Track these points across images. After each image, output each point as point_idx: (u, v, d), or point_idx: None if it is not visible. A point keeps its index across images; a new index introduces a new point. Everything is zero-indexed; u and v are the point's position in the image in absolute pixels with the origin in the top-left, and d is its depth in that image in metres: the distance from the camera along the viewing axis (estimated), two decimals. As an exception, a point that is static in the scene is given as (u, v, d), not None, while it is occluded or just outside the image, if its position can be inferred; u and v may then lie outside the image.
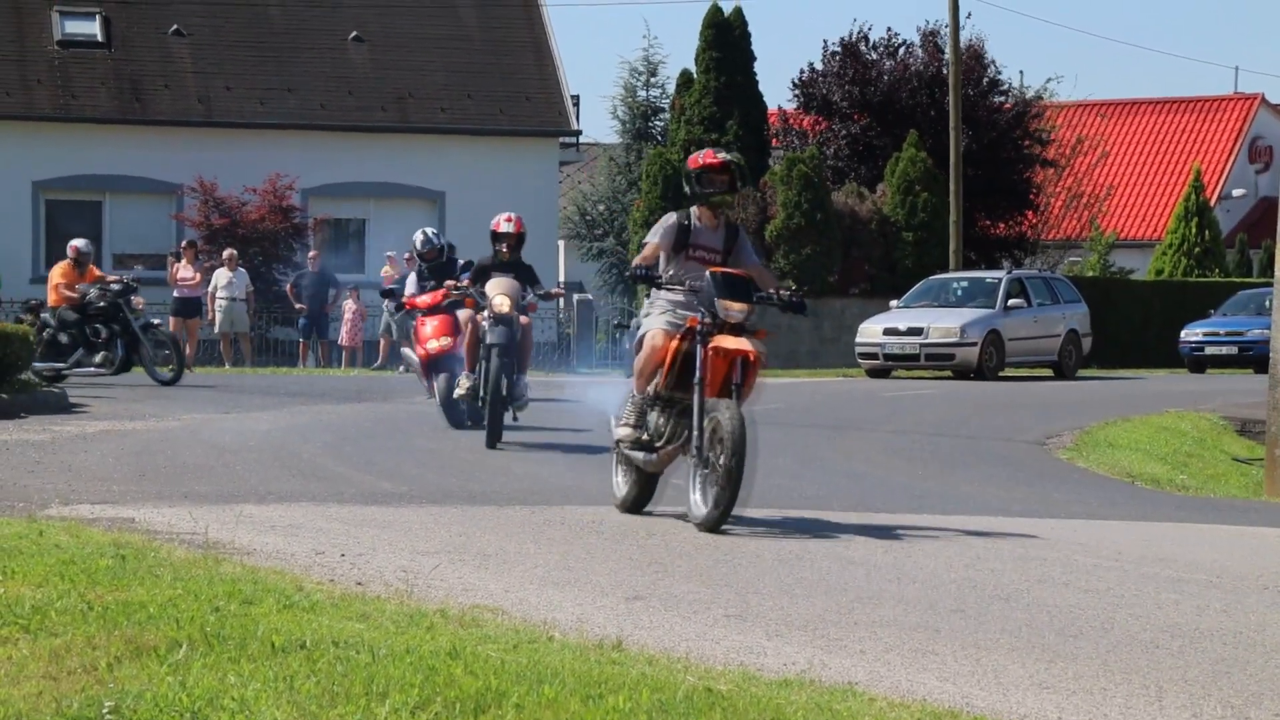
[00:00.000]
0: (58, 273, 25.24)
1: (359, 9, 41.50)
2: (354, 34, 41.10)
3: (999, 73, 45.47)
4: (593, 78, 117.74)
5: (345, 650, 6.78)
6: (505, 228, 17.42)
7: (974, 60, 44.50)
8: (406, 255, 34.88)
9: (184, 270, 32.66)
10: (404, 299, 19.54)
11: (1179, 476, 18.51)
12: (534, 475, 14.56)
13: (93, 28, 39.90)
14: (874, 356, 33.93)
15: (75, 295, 24.76)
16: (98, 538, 9.71)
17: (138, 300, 25.09)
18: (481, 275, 17.14)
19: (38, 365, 23.23)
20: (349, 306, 34.79)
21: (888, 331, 33.73)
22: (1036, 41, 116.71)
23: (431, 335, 18.43)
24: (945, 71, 43.83)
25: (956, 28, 41.50)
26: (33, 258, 38.50)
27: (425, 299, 18.85)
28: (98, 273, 25.85)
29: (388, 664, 6.56)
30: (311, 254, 35.76)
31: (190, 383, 24.34)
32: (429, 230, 20.22)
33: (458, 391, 17.11)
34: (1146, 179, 59.55)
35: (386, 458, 15.59)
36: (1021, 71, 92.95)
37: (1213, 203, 51.66)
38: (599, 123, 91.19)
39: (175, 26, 40.24)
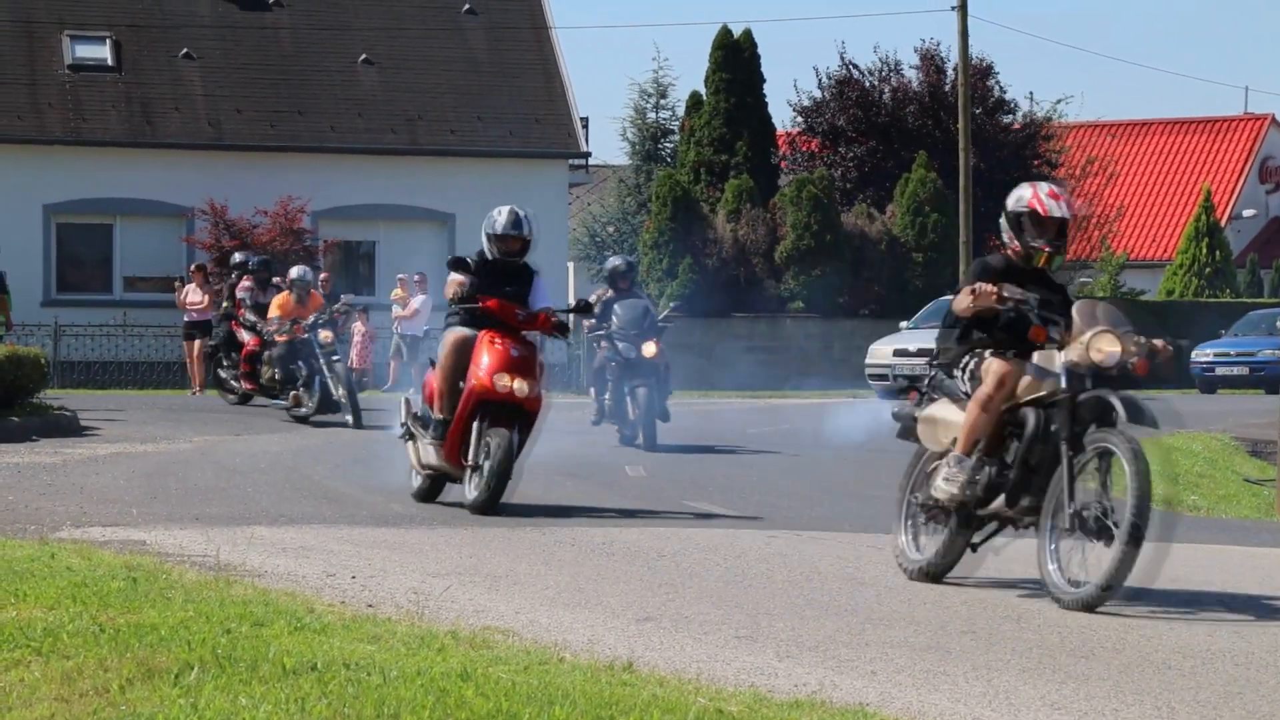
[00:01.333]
0: (276, 306, 23.57)
1: (368, 32, 41.60)
2: (363, 57, 41.19)
3: (1004, 92, 45.54)
4: (602, 100, 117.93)
5: (356, 672, 6.78)
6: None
7: (979, 79, 44.56)
8: (416, 277, 34.93)
9: (193, 294, 32.68)
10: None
11: (1190, 497, 18.48)
12: (544, 497, 14.56)
13: (103, 51, 40.01)
14: (884, 378, 33.90)
15: (299, 332, 23.20)
16: (109, 560, 9.72)
17: (325, 334, 23.39)
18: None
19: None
20: (358, 328, 34.82)
21: (898, 353, 33.72)
22: (1047, 62, 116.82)
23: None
24: (947, 91, 43.87)
25: (965, 48, 41.55)
26: (44, 281, 38.56)
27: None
28: (319, 300, 24.37)
29: (399, 686, 6.56)
30: (323, 276, 35.80)
31: (201, 405, 24.37)
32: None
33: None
34: (1157, 199, 59.54)
35: (397, 479, 15.59)
36: (1031, 92, 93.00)
37: (1223, 223, 51.65)
38: (608, 144, 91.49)
39: (185, 50, 40.35)
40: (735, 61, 43.64)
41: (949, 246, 41.15)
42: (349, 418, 22.03)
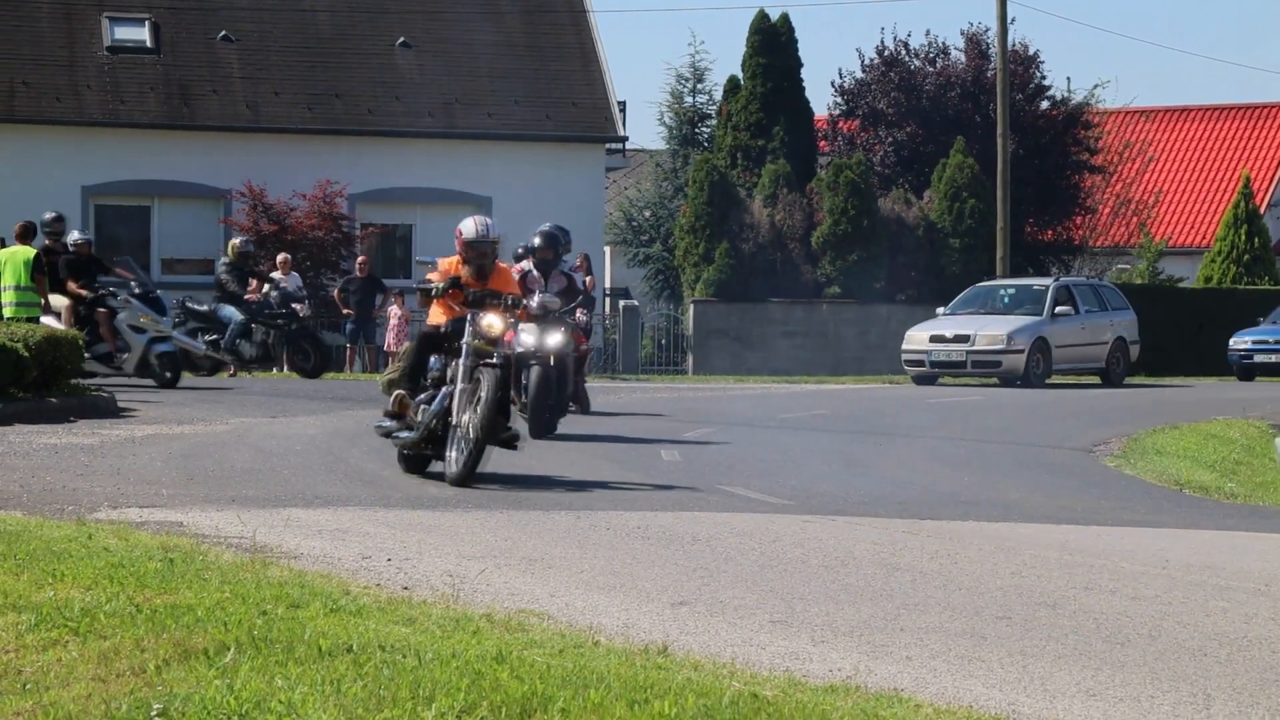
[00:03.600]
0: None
1: (406, 15, 41.61)
2: (401, 40, 41.21)
3: (1044, 77, 45.33)
4: (639, 84, 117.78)
5: (392, 654, 6.80)
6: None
7: (1021, 65, 44.37)
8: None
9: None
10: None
11: (1227, 484, 18.40)
12: (579, 481, 14.57)
13: (142, 33, 40.10)
14: (920, 363, 33.84)
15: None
16: (146, 541, 9.76)
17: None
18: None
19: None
20: (394, 312, 34.86)
21: (934, 339, 33.65)
22: (1084, 47, 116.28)
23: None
24: (990, 76, 43.72)
25: (1004, 32, 41.38)
26: (82, 262, 38.68)
27: None
28: None
29: (434, 668, 6.58)
30: (360, 259, 35.85)
31: (239, 386, 24.45)
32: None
33: None
34: (1195, 186, 59.25)
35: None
36: (1069, 78, 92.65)
37: (1262, 210, 51.34)
38: (645, 129, 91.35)
39: (224, 32, 40.42)
40: (772, 46, 43.53)
41: (986, 233, 41.02)
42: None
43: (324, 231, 38.26)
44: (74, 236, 25.47)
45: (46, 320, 24.76)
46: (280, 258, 34.32)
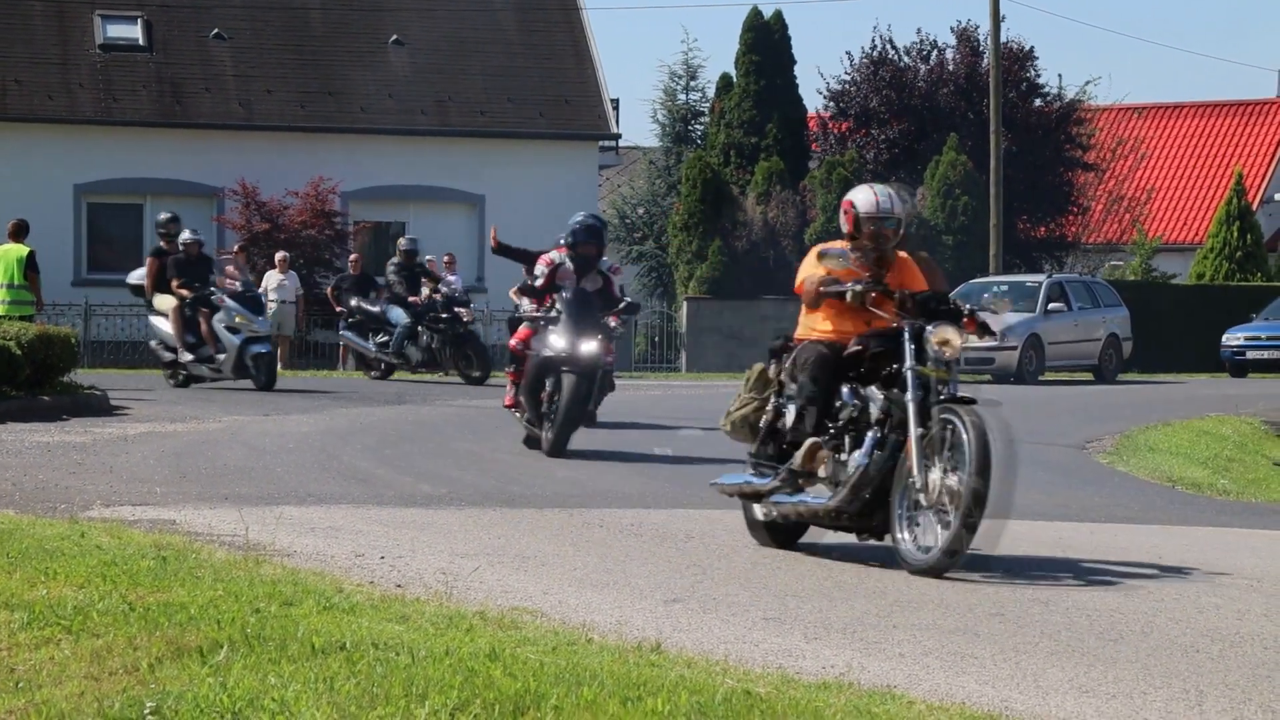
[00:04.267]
0: None
1: (399, 12, 41.60)
2: (394, 38, 41.20)
3: (1038, 75, 45.37)
4: (632, 81, 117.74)
5: (385, 652, 6.80)
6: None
7: (1014, 62, 44.39)
8: (446, 258, 34.93)
9: (235, 274, 32.71)
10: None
11: (1220, 481, 18.42)
12: (573, 479, 14.57)
13: (134, 31, 40.08)
14: (913, 360, 33.82)
15: None
16: (139, 539, 9.75)
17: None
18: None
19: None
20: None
21: (927, 335, 33.63)
22: (1076, 44, 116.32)
23: None
24: (982, 73, 43.74)
25: (997, 29, 41.40)
26: (74, 261, 38.69)
27: None
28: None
29: (427, 665, 6.58)
30: (353, 257, 35.84)
31: (231, 385, 24.44)
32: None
33: None
34: (1187, 183, 59.29)
35: (425, 460, 15.62)
36: (1060, 75, 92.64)
37: (1255, 206, 51.40)
38: (639, 126, 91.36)
39: (216, 30, 40.40)
40: (765, 43, 43.55)
41: (979, 230, 41.05)
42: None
43: (317, 230, 38.24)
44: (185, 236, 24.95)
45: (155, 321, 24.70)
46: (278, 256, 34.34)
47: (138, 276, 25.47)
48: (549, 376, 16.07)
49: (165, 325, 24.44)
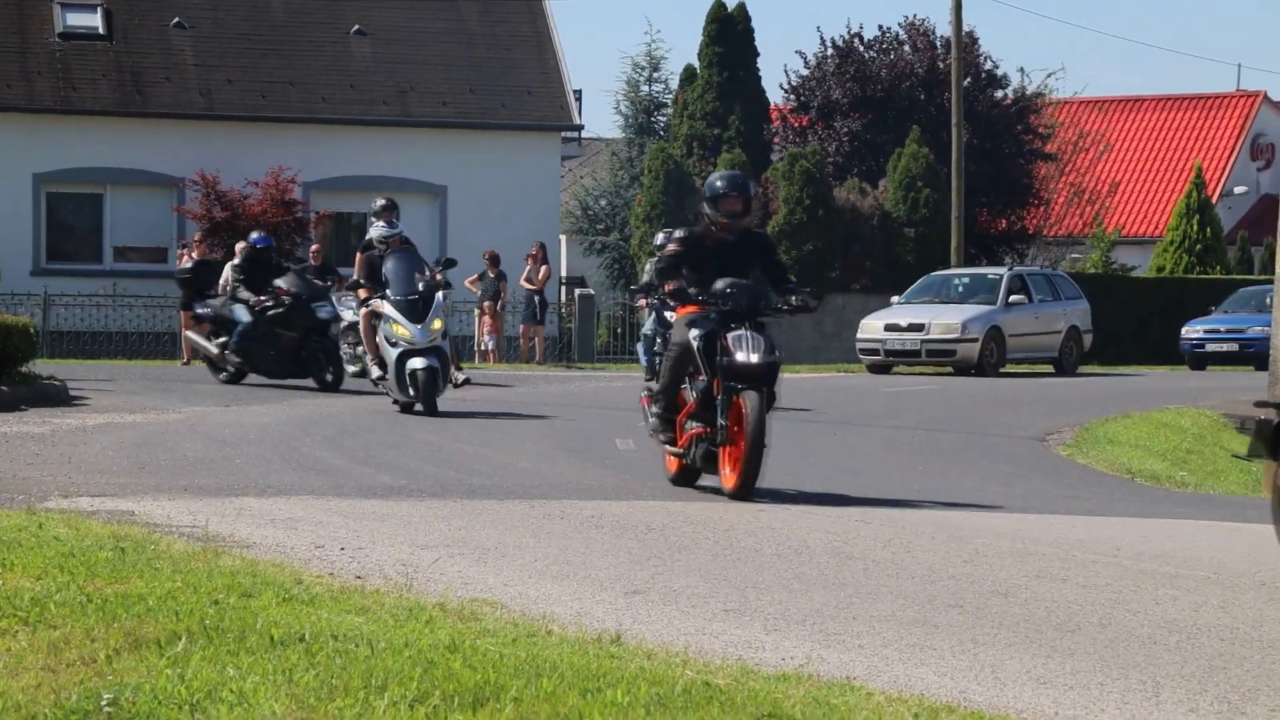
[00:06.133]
0: None
1: (361, 2, 41.49)
2: (356, 28, 41.09)
3: (995, 66, 45.51)
4: (595, 72, 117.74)
5: (344, 643, 6.79)
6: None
7: (967, 52, 44.55)
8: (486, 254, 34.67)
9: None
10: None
11: (1178, 473, 18.51)
12: (534, 470, 14.57)
13: (94, 20, 39.89)
14: (875, 352, 33.94)
15: None
16: (97, 530, 9.72)
17: None
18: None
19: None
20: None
21: (889, 327, 33.75)
22: (1037, 38, 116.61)
23: None
24: (940, 66, 43.85)
25: (959, 22, 41.49)
26: (33, 251, 38.50)
27: None
28: None
29: (386, 657, 6.57)
30: (314, 248, 35.76)
31: (190, 376, 24.36)
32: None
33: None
34: (1148, 176, 59.53)
35: (386, 451, 15.60)
36: (1022, 68, 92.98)
37: (1214, 200, 51.63)
38: (601, 117, 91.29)
39: (176, 19, 40.23)
40: (728, 35, 43.57)
41: (941, 222, 41.15)
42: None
43: (277, 219, 38.13)
44: (377, 232, 21.57)
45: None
46: (238, 247, 34.22)
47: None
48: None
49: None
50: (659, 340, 19.84)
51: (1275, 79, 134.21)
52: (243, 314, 23.54)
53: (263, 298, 23.48)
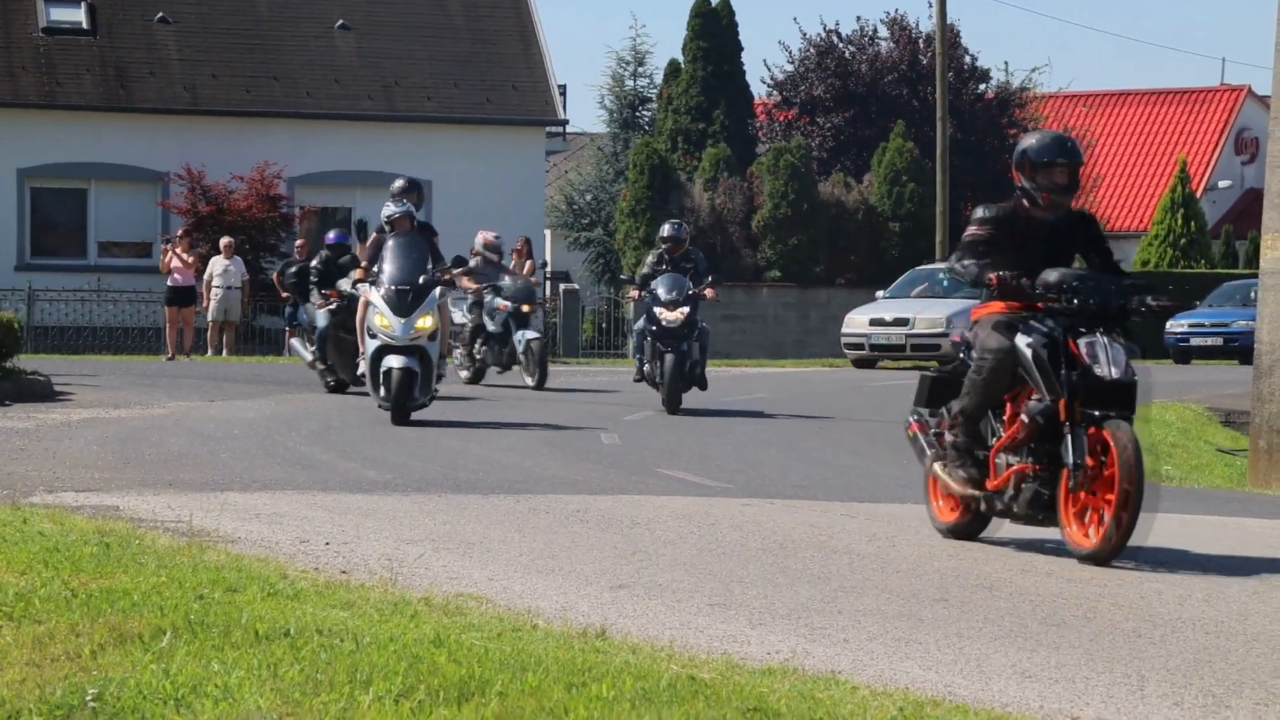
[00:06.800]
0: None
1: (345, -3, 41.46)
2: (340, 22, 41.05)
3: (975, 60, 45.56)
4: (580, 67, 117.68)
5: (329, 638, 6.78)
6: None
7: (950, 47, 44.58)
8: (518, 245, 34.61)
9: (177, 259, 32.61)
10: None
11: (1163, 467, 18.53)
12: (519, 465, 14.56)
13: (78, 15, 39.82)
14: (860, 347, 33.97)
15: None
16: (82, 525, 9.70)
17: None
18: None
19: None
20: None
21: (874, 322, 33.78)
22: (1022, 32, 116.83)
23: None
24: (923, 61, 43.88)
25: (943, 14, 41.51)
26: (17, 245, 38.44)
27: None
28: None
29: (371, 652, 6.57)
30: (299, 242, 35.73)
31: (176, 371, 24.33)
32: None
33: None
34: (1133, 170, 59.60)
35: (371, 446, 15.59)
36: (1006, 62, 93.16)
37: (1199, 194, 51.72)
38: (586, 112, 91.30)
39: (161, 14, 40.17)
40: (713, 29, 43.57)
41: (926, 216, 41.18)
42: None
43: (262, 214, 38.10)
44: (389, 210, 22.09)
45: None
46: (223, 242, 34.19)
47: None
48: None
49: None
50: (647, 337, 20.04)
51: (1260, 74, 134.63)
52: (321, 318, 21.63)
53: (330, 298, 21.52)
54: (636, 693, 6.16)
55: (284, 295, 34.51)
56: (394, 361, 17.16)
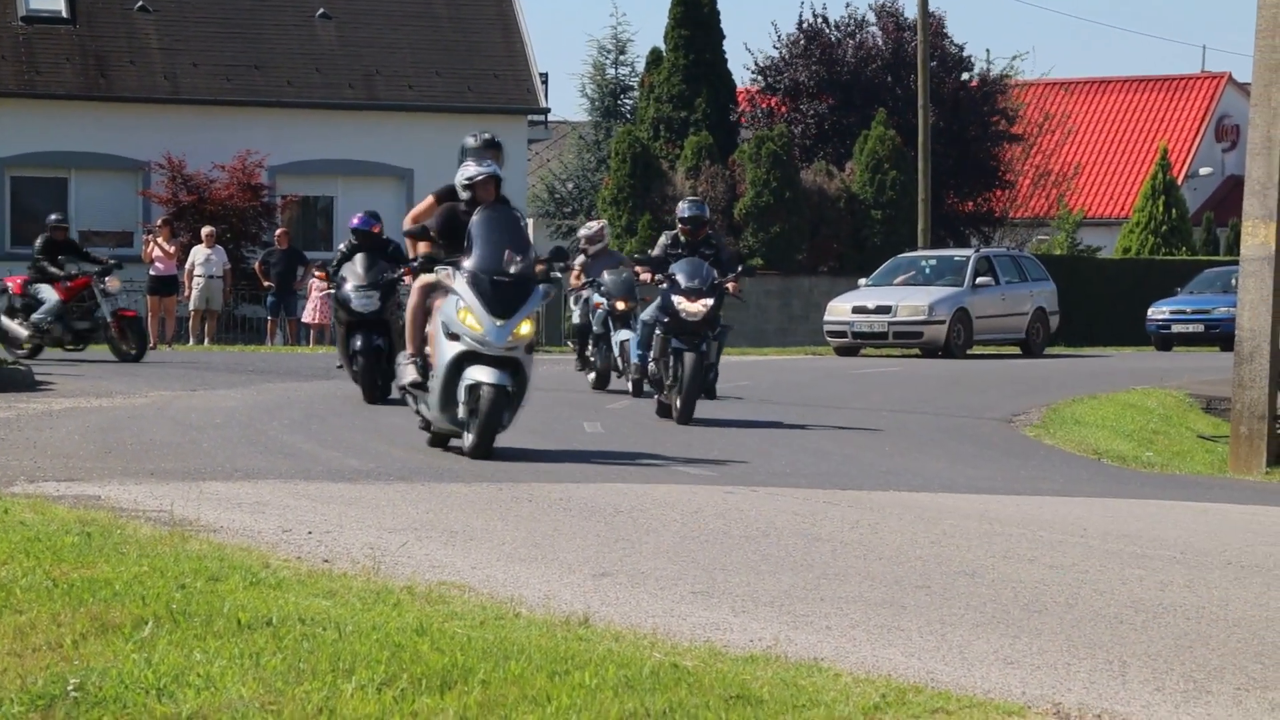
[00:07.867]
0: None
1: (326, -15, 41.37)
2: (321, 11, 40.98)
3: (961, 49, 45.59)
4: (561, 55, 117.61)
5: (311, 627, 6.78)
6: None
7: (935, 36, 44.61)
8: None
9: (159, 249, 32.58)
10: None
11: (1145, 453, 18.57)
12: (502, 451, 14.55)
13: (58, 3, 39.71)
14: (842, 334, 33.99)
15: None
16: (63, 515, 9.68)
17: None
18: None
19: None
20: (316, 285, 34.70)
21: (856, 310, 33.80)
22: (1003, 20, 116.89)
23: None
24: (907, 49, 43.90)
25: (925, 2, 41.51)
26: (-2, 235, 38.36)
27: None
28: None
29: (354, 641, 6.56)
30: (280, 231, 35.68)
31: (158, 360, 24.29)
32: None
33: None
34: (1114, 157, 59.68)
35: (354, 435, 15.57)
36: (988, 50, 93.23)
37: (1180, 181, 51.82)
38: (568, 101, 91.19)
39: (141, 3, 40.08)
40: (694, 17, 43.54)
41: (908, 204, 41.21)
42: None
43: (243, 203, 38.04)
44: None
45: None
46: (205, 231, 34.13)
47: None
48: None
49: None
50: (657, 326, 18.38)
51: (1240, 60, 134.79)
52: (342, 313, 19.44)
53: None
54: (619, 680, 6.16)
55: (266, 284, 34.53)
56: (483, 375, 13.39)
